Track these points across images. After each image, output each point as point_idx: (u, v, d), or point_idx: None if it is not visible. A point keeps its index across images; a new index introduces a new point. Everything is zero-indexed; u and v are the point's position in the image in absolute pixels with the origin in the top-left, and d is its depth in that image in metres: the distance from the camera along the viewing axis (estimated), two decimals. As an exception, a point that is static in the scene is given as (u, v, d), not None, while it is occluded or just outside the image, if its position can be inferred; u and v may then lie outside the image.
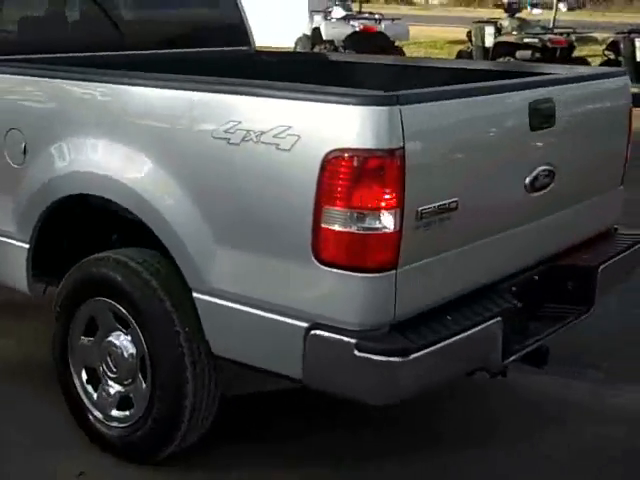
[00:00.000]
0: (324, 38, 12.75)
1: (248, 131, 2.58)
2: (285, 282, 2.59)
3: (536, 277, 3.21)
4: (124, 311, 3.01)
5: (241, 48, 4.65)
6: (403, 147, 2.39)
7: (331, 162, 2.41)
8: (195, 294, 2.81)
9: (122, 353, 3.08)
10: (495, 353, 2.80)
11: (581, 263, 3.32)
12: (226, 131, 2.63)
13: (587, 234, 3.46)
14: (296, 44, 13.00)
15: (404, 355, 2.46)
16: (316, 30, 12.90)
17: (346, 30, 12.68)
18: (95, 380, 3.21)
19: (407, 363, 2.47)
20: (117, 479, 3.06)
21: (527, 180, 2.95)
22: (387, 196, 2.40)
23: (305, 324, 2.55)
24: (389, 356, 2.46)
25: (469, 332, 2.66)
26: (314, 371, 2.58)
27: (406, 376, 2.52)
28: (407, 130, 2.39)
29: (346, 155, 2.39)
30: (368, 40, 12.41)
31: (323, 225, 2.45)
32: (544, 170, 3.02)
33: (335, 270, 2.47)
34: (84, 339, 3.21)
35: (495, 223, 2.87)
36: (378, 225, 2.42)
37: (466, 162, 2.68)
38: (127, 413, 3.12)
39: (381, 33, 12.82)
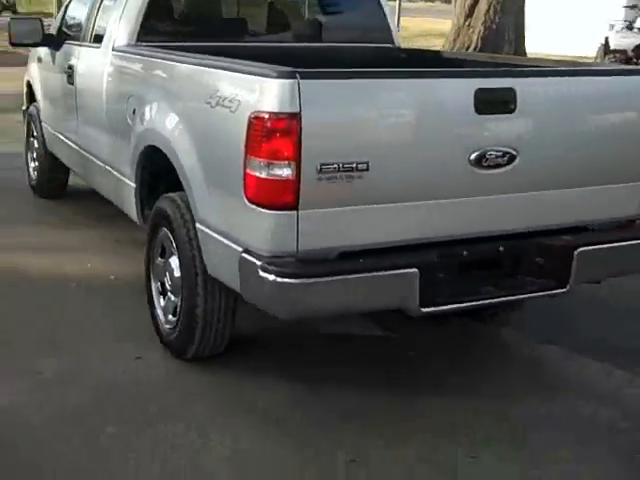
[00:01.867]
0: (611, 47, 12.67)
1: (219, 97, 3.39)
2: (231, 215, 3.37)
3: (501, 248, 3.58)
4: (171, 237, 3.95)
5: (385, 45, 5.36)
6: (299, 112, 3.04)
7: (252, 121, 3.14)
8: (196, 224, 3.68)
9: (174, 272, 4.02)
10: (412, 299, 3.30)
11: (558, 243, 3.61)
12: (211, 97, 3.47)
13: (577, 218, 3.69)
14: (597, 54, 13.03)
15: (292, 278, 3.11)
16: (607, 40, 12.86)
17: (635, 40, 12.47)
18: (164, 291, 4.19)
19: (296, 286, 3.12)
20: (161, 366, 3.99)
21: (472, 156, 3.36)
22: (286, 150, 3.07)
23: (240, 249, 3.30)
24: (281, 277, 3.12)
25: (370, 274, 3.21)
26: (244, 287, 3.32)
27: (298, 297, 3.16)
28: (304, 99, 3.03)
29: (260, 116, 3.11)
30: None
31: (248, 171, 3.18)
32: (498, 150, 3.40)
33: (255, 207, 3.19)
34: (159, 260, 4.20)
35: (427, 188, 3.33)
36: (280, 173, 3.10)
37: (380, 130, 3.21)
38: (173, 318, 4.07)
39: (675, 42, 12.42)
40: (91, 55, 5.21)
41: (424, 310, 3.35)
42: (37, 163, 7.01)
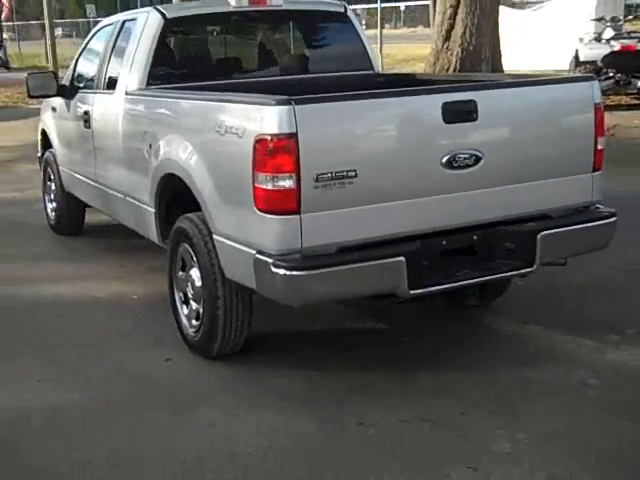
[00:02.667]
0: (581, 59, 13.41)
1: (228, 126, 4.02)
2: (245, 224, 3.97)
3: (475, 237, 4.19)
4: (191, 251, 4.56)
5: (365, 72, 6.02)
6: (296, 132, 3.66)
7: (257, 143, 3.76)
8: (214, 236, 4.29)
9: (195, 282, 4.62)
10: (402, 283, 3.90)
11: (523, 229, 4.23)
12: (219, 126, 4.09)
13: (539, 207, 4.30)
14: (569, 66, 13.73)
15: (299, 270, 3.72)
16: (577, 52, 13.60)
17: (603, 50, 13.21)
18: (186, 300, 4.79)
19: (303, 277, 3.73)
20: (189, 364, 4.57)
21: (444, 159, 3.98)
22: (287, 164, 3.69)
23: (254, 251, 3.91)
24: (290, 271, 3.73)
25: (364, 263, 3.82)
26: (259, 283, 3.92)
27: (305, 286, 3.77)
28: (299, 121, 3.66)
29: (264, 138, 3.73)
30: (627, 58, 12.94)
31: (256, 185, 3.80)
32: (465, 153, 4.03)
33: (265, 215, 3.81)
34: (181, 273, 4.81)
35: (407, 189, 3.95)
36: (283, 184, 3.72)
37: (365, 143, 3.84)
38: (196, 322, 4.66)
39: (640, 51, 13.18)
40: (105, 101, 5.84)
41: (412, 292, 3.94)
42: (55, 204, 7.61)
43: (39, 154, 8.10)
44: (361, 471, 3.45)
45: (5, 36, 37.37)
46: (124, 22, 6.04)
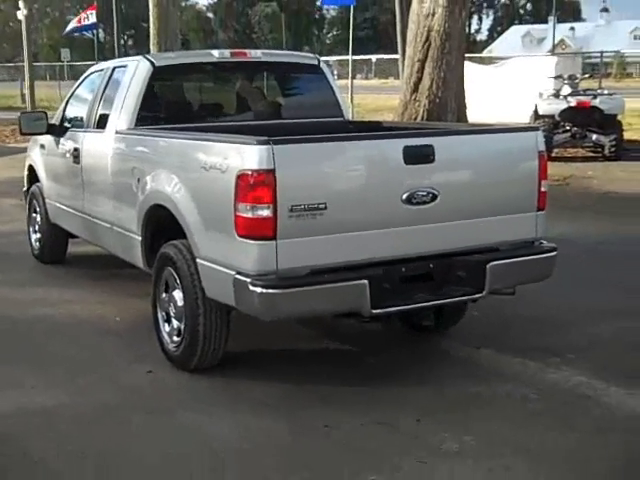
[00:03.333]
0: (540, 113, 14.24)
1: (212, 162, 4.54)
2: (226, 248, 4.47)
3: (431, 265, 4.72)
4: (175, 274, 5.05)
5: (335, 119, 6.59)
6: (274, 169, 4.19)
7: (239, 177, 4.28)
8: (197, 259, 4.78)
9: (177, 302, 5.09)
10: (365, 303, 4.42)
11: (474, 259, 4.77)
12: (205, 163, 4.62)
13: (489, 241, 4.85)
14: (529, 119, 14.51)
15: (274, 289, 4.23)
16: (536, 107, 14.44)
17: (560, 106, 14.03)
18: (168, 319, 5.25)
19: (277, 295, 4.24)
20: (171, 377, 5.01)
21: (404, 196, 4.53)
22: (265, 196, 4.21)
23: (233, 272, 4.41)
24: (266, 289, 4.23)
25: (330, 285, 4.34)
26: (238, 300, 4.41)
27: (279, 303, 4.27)
28: (277, 159, 4.19)
29: (245, 173, 4.25)
30: (582, 113, 13.78)
31: (237, 214, 4.31)
32: (423, 191, 4.58)
33: (244, 240, 4.31)
34: (164, 294, 5.28)
35: (371, 221, 4.48)
36: (262, 213, 4.23)
37: (334, 179, 4.38)
38: (177, 339, 5.13)
39: (595, 107, 13.98)
40: (96, 138, 6.35)
41: (374, 311, 4.46)
42: (39, 234, 8.05)
43: (25, 188, 8.53)
44: (325, 463, 3.92)
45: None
46: (114, 68, 6.58)
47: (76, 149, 6.67)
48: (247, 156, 4.26)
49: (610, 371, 5.02)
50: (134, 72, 6.04)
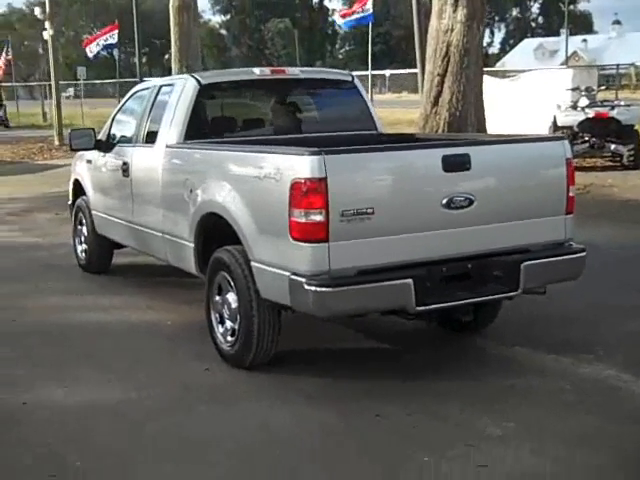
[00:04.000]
0: (559, 125, 14.60)
1: (267, 172, 4.92)
2: (280, 251, 4.83)
3: (469, 265, 5.07)
4: (229, 277, 5.42)
5: (369, 132, 6.96)
6: (326, 177, 4.56)
7: (293, 185, 4.65)
8: (252, 262, 5.15)
9: (231, 304, 5.46)
10: (409, 301, 4.77)
11: (509, 259, 5.12)
12: (259, 173, 5.00)
13: (522, 243, 5.20)
14: (548, 131, 14.85)
15: (328, 287, 4.58)
16: (555, 118, 14.80)
17: (578, 117, 14.39)
18: (222, 320, 5.62)
19: (330, 293, 4.59)
20: (225, 373, 5.38)
21: (443, 201, 4.89)
22: (318, 202, 4.58)
23: (288, 273, 4.77)
24: (320, 287, 4.59)
25: (379, 284, 4.69)
26: (293, 299, 4.77)
27: (332, 301, 4.62)
28: (328, 168, 4.56)
29: (299, 181, 4.63)
30: (600, 124, 14.14)
31: (292, 219, 4.67)
32: (461, 196, 4.94)
33: (299, 243, 4.68)
34: (217, 297, 5.65)
35: (414, 225, 4.83)
36: (315, 218, 4.60)
37: (380, 186, 4.75)
38: (231, 338, 5.49)
39: (612, 118, 14.33)
40: (145, 153, 6.75)
41: (419, 308, 4.81)
42: (85, 246, 8.45)
43: (69, 202, 8.93)
44: (379, 447, 4.27)
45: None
46: (161, 87, 6.98)
47: (125, 163, 7.06)
48: (300, 166, 4.62)
49: (638, 365, 5.33)
50: (182, 90, 6.44)
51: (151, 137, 6.72)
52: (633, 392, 4.94)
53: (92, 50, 26.40)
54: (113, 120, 7.88)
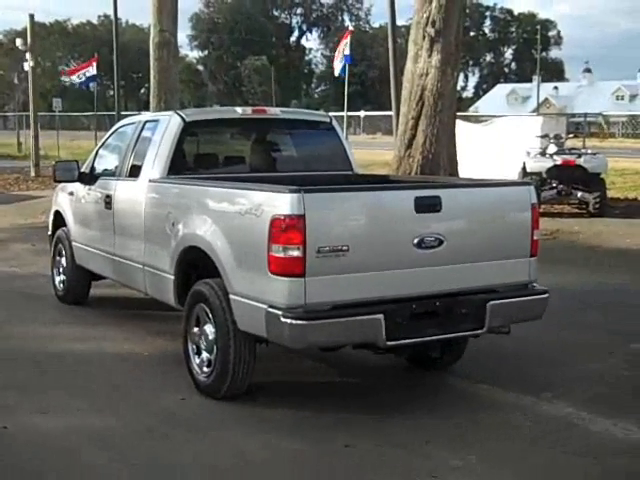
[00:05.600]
0: (528, 171, 15.03)
1: (248, 208, 5.16)
2: (258, 284, 5.05)
3: (437, 303, 5.32)
4: (207, 309, 5.62)
5: (345, 172, 7.23)
6: (304, 214, 4.80)
7: (273, 221, 4.89)
8: (230, 295, 5.36)
9: (209, 335, 5.65)
10: (380, 335, 5.00)
11: (475, 298, 5.37)
12: (240, 208, 5.23)
13: (488, 283, 5.46)
14: (518, 177, 15.25)
15: (303, 320, 4.80)
16: (524, 164, 15.24)
17: (547, 164, 14.84)
18: (198, 351, 5.80)
19: (306, 325, 4.81)
20: (202, 403, 5.54)
21: (415, 241, 5.14)
22: (296, 238, 4.82)
23: (266, 306, 4.99)
24: (295, 320, 4.80)
25: (352, 318, 4.92)
26: (270, 331, 4.97)
27: (307, 333, 4.84)
28: (307, 205, 4.80)
29: (279, 218, 4.86)
30: (567, 172, 14.59)
31: (271, 254, 4.90)
32: (431, 237, 5.19)
33: (277, 277, 4.90)
34: (195, 329, 5.84)
35: (387, 262, 5.07)
36: (292, 253, 4.83)
37: (355, 225, 5.00)
38: (207, 369, 5.68)
39: (580, 166, 14.79)
40: (129, 186, 6.96)
41: (389, 343, 5.04)
42: (64, 276, 8.60)
43: (49, 232, 9.09)
44: (348, 475, 4.48)
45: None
46: (145, 122, 7.22)
47: (108, 195, 7.27)
48: (280, 203, 4.86)
49: (596, 403, 5.59)
50: (166, 126, 6.67)
51: (135, 171, 6.93)
52: (590, 430, 5.17)
53: (77, 80, 26.62)
54: (97, 153, 8.09)
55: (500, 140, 17.22)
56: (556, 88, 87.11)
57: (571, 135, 18.60)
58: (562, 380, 6.10)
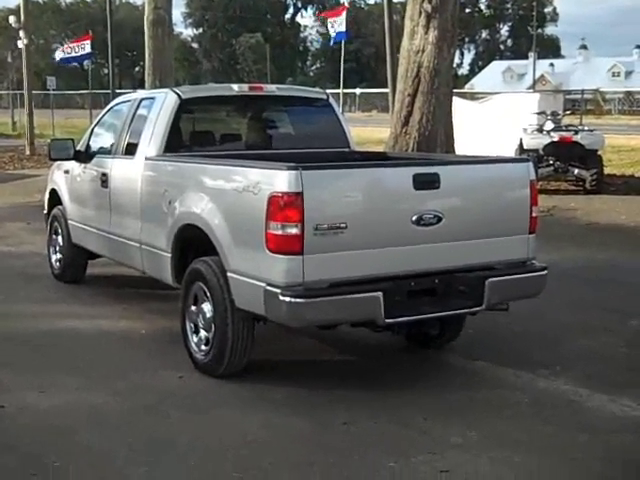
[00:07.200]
0: (525, 147, 15.00)
1: (245, 185, 5.12)
2: (256, 262, 5.02)
3: (436, 280, 5.30)
4: (205, 288, 5.59)
5: (342, 149, 7.19)
6: (302, 191, 4.77)
7: (271, 199, 4.85)
8: (228, 273, 5.33)
9: (206, 314, 5.63)
10: (379, 313, 4.98)
11: (474, 276, 5.35)
12: (237, 186, 5.19)
13: (487, 260, 5.44)
14: (515, 153, 15.22)
15: (301, 298, 4.78)
16: (521, 141, 15.21)
17: (544, 140, 14.80)
18: (196, 330, 5.79)
19: (304, 304, 4.78)
20: (200, 381, 5.53)
21: (413, 218, 5.11)
22: (294, 216, 4.79)
23: (264, 284, 4.96)
24: (294, 298, 4.79)
25: (350, 296, 4.90)
26: (268, 309, 4.95)
27: (305, 311, 4.82)
28: (305, 183, 4.77)
29: (277, 195, 4.83)
30: (564, 148, 14.55)
31: (268, 231, 4.87)
32: (430, 214, 5.17)
33: (274, 255, 4.87)
34: (193, 307, 5.82)
35: (385, 240, 5.05)
36: (290, 231, 4.80)
37: (353, 202, 4.96)
38: (205, 347, 5.66)
39: (577, 143, 14.76)
40: (125, 164, 6.91)
41: (387, 321, 5.02)
42: (60, 255, 8.56)
43: (45, 211, 9.05)
44: (347, 452, 4.46)
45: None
46: (141, 100, 7.16)
47: (104, 174, 7.22)
48: (278, 180, 4.83)
49: (593, 381, 5.59)
50: (162, 103, 6.62)
51: (131, 149, 6.88)
52: (587, 406, 5.18)
53: (61, 54, 26.34)
54: (92, 131, 8.04)
55: (497, 117, 17.15)
56: (552, 65, 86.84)
57: (568, 112, 18.56)
58: (560, 357, 6.10)
